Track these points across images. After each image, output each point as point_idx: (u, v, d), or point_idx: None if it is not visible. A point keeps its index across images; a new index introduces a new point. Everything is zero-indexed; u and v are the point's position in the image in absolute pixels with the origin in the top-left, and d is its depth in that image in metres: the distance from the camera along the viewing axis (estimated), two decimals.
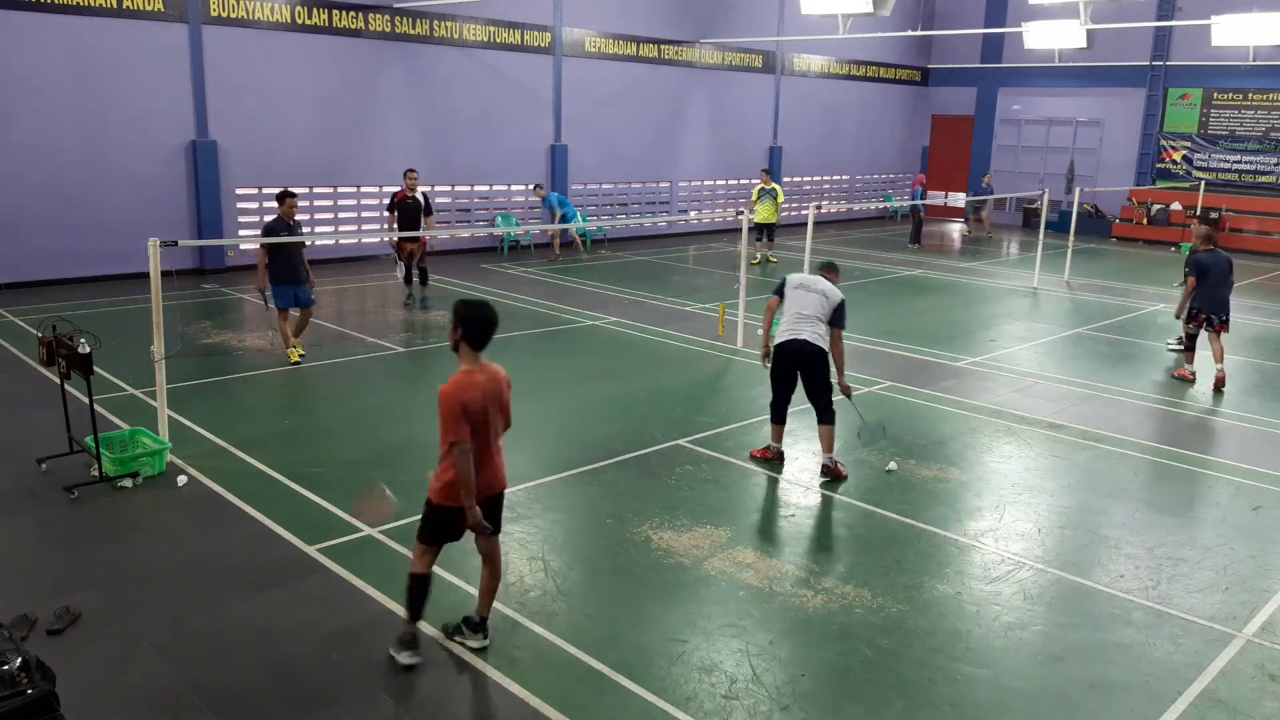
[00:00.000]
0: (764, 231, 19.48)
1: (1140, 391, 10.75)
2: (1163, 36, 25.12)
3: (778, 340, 7.80)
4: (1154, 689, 5.02)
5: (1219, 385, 10.92)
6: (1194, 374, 11.26)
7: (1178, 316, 11.45)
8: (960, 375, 11.22)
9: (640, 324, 13.27)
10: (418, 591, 5.03)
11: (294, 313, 10.87)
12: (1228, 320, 11.19)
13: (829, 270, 8.01)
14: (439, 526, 4.97)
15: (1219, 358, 11.20)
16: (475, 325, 4.85)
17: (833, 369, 7.77)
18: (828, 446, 7.78)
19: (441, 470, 4.87)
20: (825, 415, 7.75)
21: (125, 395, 9.39)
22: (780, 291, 7.92)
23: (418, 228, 13.82)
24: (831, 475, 7.76)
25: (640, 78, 22.30)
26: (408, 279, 14.37)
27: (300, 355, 10.96)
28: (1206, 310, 11.13)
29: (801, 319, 7.69)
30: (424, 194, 14.02)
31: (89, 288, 14.79)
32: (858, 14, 17.41)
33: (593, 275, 17.51)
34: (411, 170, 14.08)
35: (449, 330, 4.96)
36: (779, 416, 8.01)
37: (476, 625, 5.19)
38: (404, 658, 5.01)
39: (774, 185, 19.57)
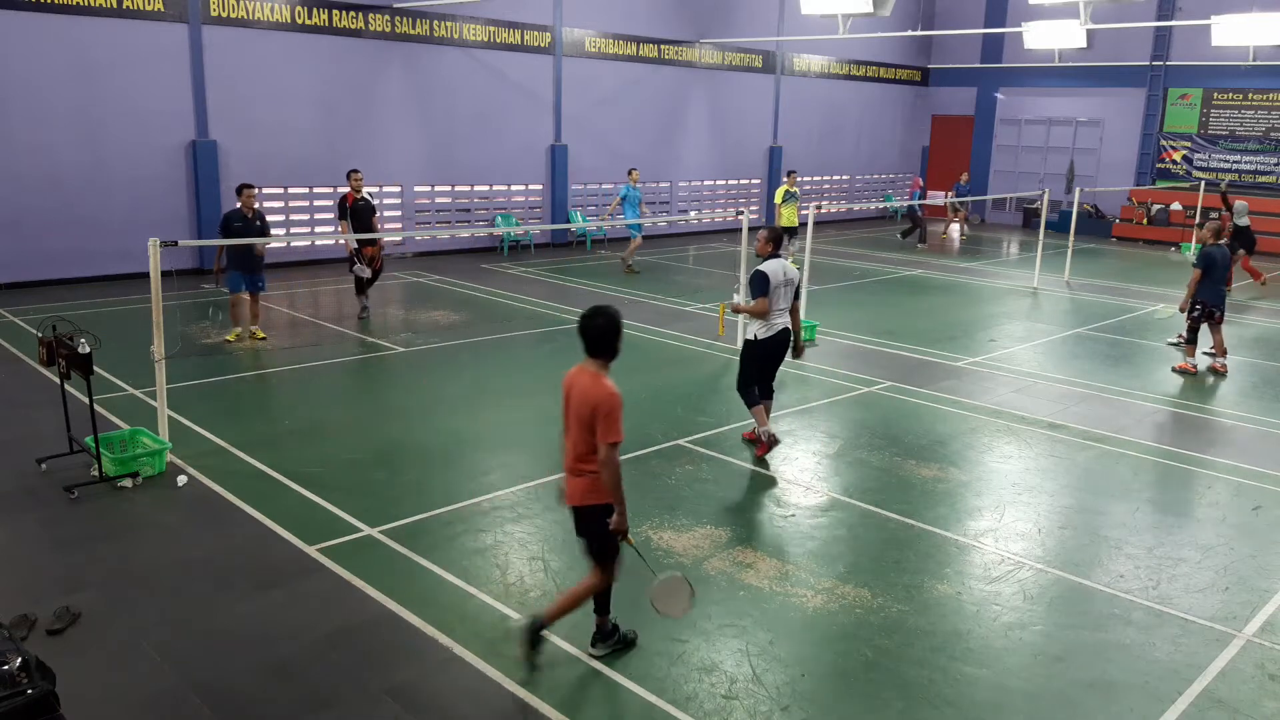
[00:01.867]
0: (789, 235, 18.86)
1: (1140, 391, 10.75)
2: (1163, 36, 25.12)
3: (773, 332, 8.12)
4: (1154, 689, 5.02)
5: (1220, 372, 11.45)
6: (1195, 366, 11.46)
7: (1182, 310, 11.64)
8: (960, 375, 11.21)
9: (641, 324, 13.26)
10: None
11: (246, 297, 11.66)
12: (1215, 312, 11.54)
13: (780, 244, 8.27)
14: None
15: (1221, 351, 11.47)
16: (578, 329, 4.95)
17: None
18: (765, 421, 8.31)
19: None
20: (771, 390, 8.43)
21: (125, 395, 9.39)
22: (766, 292, 7.98)
23: (371, 231, 13.07)
24: (759, 447, 8.23)
25: (640, 78, 22.30)
26: (360, 289, 13.41)
27: (261, 337, 11.75)
28: (1210, 303, 11.34)
29: (782, 310, 8.15)
30: (369, 193, 13.24)
31: (89, 288, 14.80)
32: (858, 14, 17.39)
33: (593, 275, 17.51)
34: (355, 170, 13.04)
35: None
36: (766, 392, 8.37)
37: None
38: (595, 649, 5.15)
39: (796, 188, 19.05)
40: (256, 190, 11.68)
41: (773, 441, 8.26)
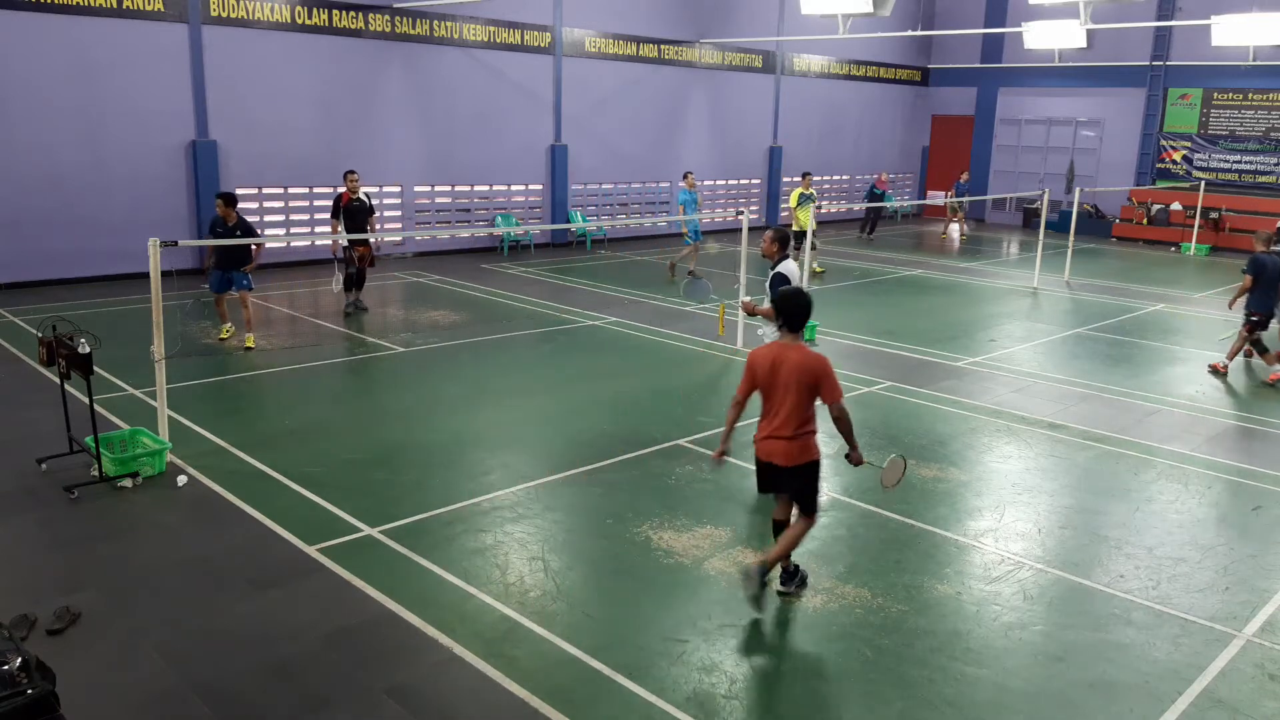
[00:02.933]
0: (799, 238, 16.86)
1: (1140, 391, 10.75)
2: (1163, 36, 25.11)
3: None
4: (1154, 689, 5.02)
5: (1220, 372, 11.47)
6: None
7: (1231, 307, 11.74)
8: (960, 375, 11.21)
9: (640, 324, 13.26)
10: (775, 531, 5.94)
11: (234, 296, 11.69)
12: (1269, 321, 11.52)
13: (787, 245, 8.13)
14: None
15: (1232, 355, 11.63)
16: (782, 309, 5.55)
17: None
18: None
19: None
20: None
21: (125, 395, 9.39)
22: None
23: (364, 231, 13.31)
24: None
25: (640, 78, 22.29)
26: (348, 285, 13.55)
27: (249, 346, 11.48)
28: (1261, 312, 11.34)
29: None
30: (366, 194, 13.48)
31: (89, 288, 14.80)
32: (858, 14, 17.39)
33: (593, 275, 17.51)
34: (352, 171, 13.35)
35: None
36: None
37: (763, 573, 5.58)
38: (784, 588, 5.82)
39: (811, 189, 18.53)
40: (225, 202, 11.27)
41: None
